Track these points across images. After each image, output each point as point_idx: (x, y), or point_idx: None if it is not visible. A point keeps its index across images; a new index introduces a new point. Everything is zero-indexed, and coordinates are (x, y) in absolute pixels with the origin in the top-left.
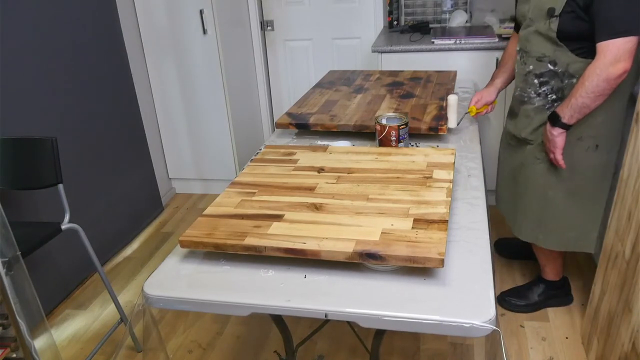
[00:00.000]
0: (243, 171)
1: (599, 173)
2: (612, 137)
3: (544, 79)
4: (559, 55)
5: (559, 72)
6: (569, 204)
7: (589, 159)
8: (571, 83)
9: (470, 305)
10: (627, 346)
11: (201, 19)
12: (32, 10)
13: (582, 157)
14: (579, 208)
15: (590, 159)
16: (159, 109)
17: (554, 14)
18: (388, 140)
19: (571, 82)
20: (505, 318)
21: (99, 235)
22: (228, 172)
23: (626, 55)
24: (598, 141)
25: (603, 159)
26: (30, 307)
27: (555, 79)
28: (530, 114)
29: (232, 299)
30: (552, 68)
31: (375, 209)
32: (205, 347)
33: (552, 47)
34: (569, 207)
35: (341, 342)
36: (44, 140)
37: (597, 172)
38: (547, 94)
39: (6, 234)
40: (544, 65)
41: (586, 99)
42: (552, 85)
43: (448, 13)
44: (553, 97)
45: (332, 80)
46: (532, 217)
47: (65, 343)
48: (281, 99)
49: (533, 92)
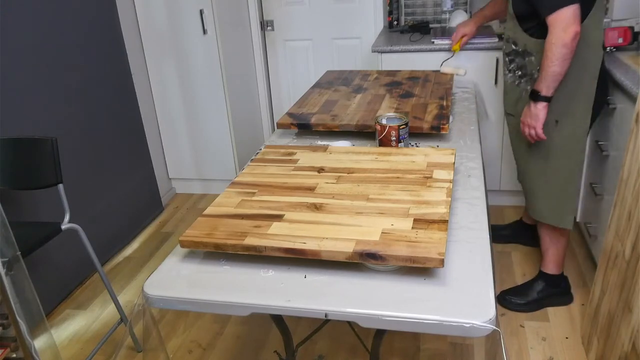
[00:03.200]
0: (243, 171)
1: (562, 149)
2: (574, 114)
3: (511, 57)
4: (518, 37)
5: (520, 51)
6: (542, 178)
7: (549, 135)
8: (530, 60)
9: (470, 305)
10: (627, 346)
11: (201, 19)
12: (32, 10)
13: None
14: (550, 183)
15: (551, 134)
16: (159, 109)
17: None
18: (388, 140)
19: (530, 60)
20: (505, 318)
21: (99, 235)
22: (228, 172)
23: (572, 20)
24: (557, 117)
25: (564, 135)
26: (30, 307)
27: (518, 57)
28: (507, 90)
29: (232, 299)
30: (514, 47)
31: (375, 209)
32: (205, 347)
33: (514, 28)
34: (543, 181)
35: (341, 342)
36: (44, 140)
37: (559, 147)
38: (514, 70)
39: (6, 234)
40: (510, 46)
41: (554, 67)
42: (517, 62)
43: (448, 13)
44: (519, 73)
45: (331, 80)
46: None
47: (65, 343)
48: (281, 99)
49: (507, 69)
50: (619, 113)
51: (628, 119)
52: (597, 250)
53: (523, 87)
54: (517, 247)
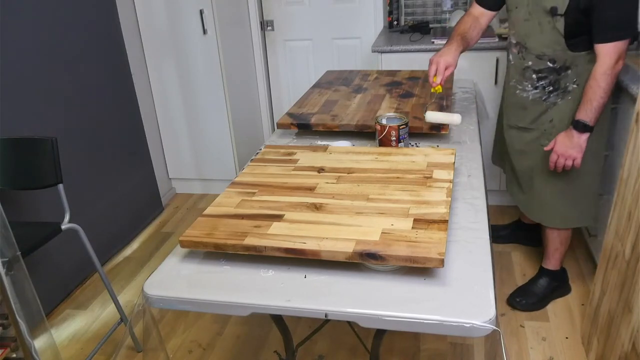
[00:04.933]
0: (243, 171)
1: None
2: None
3: (542, 75)
4: (559, 54)
5: (557, 67)
6: (571, 185)
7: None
8: (566, 75)
9: (470, 305)
10: (627, 346)
11: (201, 19)
12: (32, 11)
13: None
14: (578, 188)
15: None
16: (159, 109)
17: (557, 12)
18: (388, 140)
19: (566, 74)
20: (505, 318)
21: (99, 235)
22: (228, 172)
23: (624, 54)
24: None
25: (594, 145)
26: (30, 307)
27: (553, 74)
28: (527, 105)
29: (232, 299)
30: (552, 65)
31: (375, 209)
32: (205, 347)
33: (554, 46)
34: (571, 187)
35: (341, 342)
36: (44, 140)
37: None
38: (545, 87)
39: (6, 234)
40: (544, 63)
41: (604, 98)
42: (550, 79)
43: (448, 13)
44: (550, 89)
45: (330, 81)
46: (538, 198)
47: (65, 343)
48: (281, 99)
49: (530, 85)
50: (619, 113)
51: (628, 119)
52: (597, 250)
53: (552, 100)
54: (517, 247)
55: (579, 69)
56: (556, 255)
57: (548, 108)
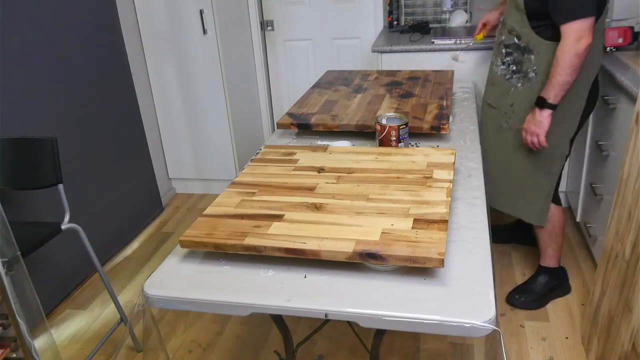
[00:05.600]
0: (243, 171)
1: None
2: (563, 118)
3: (509, 50)
4: (525, 31)
5: (521, 46)
6: (523, 173)
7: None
8: (529, 58)
9: (470, 305)
10: (627, 346)
11: (201, 19)
12: (32, 10)
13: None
14: (531, 179)
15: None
16: (159, 109)
17: None
18: (388, 140)
19: (529, 57)
20: (505, 318)
21: (99, 235)
22: (228, 172)
23: (586, 32)
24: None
25: (555, 140)
26: (30, 307)
27: (517, 52)
28: (495, 81)
29: (232, 299)
30: (517, 41)
31: (375, 209)
32: (205, 347)
33: (520, 22)
34: (524, 176)
35: (341, 342)
36: (44, 140)
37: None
38: (509, 64)
39: (6, 234)
40: (512, 38)
41: (564, 75)
42: (514, 56)
43: (448, 13)
44: (513, 68)
45: (330, 81)
46: (494, 181)
47: (65, 343)
48: (281, 99)
49: (500, 60)
50: (619, 113)
51: (628, 119)
52: (597, 250)
53: (513, 83)
54: (517, 247)
55: (540, 57)
56: (548, 251)
57: (510, 89)
